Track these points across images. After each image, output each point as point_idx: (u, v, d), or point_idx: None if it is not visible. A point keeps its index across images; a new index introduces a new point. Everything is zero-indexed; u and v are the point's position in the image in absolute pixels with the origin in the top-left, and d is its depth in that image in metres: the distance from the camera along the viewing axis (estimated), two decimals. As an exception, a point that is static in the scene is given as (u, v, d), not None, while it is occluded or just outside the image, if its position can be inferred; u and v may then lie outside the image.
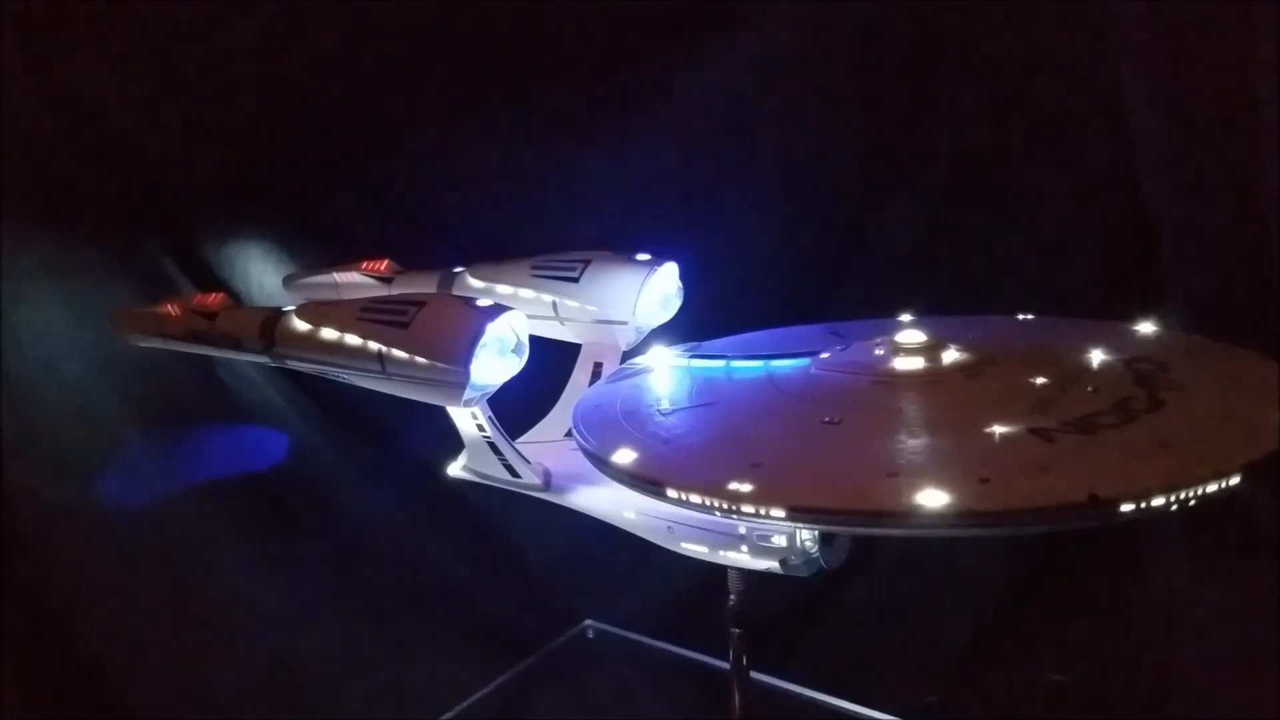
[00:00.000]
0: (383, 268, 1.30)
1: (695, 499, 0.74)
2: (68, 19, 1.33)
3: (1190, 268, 1.20)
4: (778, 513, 0.70)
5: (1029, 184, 1.40)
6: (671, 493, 0.76)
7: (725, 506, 0.73)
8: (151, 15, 1.38)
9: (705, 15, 1.51)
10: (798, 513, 0.70)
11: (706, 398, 0.96)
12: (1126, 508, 0.65)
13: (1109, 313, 1.04)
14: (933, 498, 0.67)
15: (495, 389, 0.96)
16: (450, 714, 1.49)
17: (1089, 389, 0.85)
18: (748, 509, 0.72)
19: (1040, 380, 0.86)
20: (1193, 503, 0.67)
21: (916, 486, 0.68)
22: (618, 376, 1.08)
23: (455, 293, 1.21)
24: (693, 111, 1.51)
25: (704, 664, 1.51)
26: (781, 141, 1.51)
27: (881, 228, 1.49)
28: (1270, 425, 0.74)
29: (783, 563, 0.89)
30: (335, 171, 1.54)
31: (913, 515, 0.67)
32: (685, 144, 1.52)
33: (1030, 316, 1.10)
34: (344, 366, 0.99)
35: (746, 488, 0.72)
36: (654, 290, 1.15)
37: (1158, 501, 0.66)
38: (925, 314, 1.08)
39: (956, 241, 1.45)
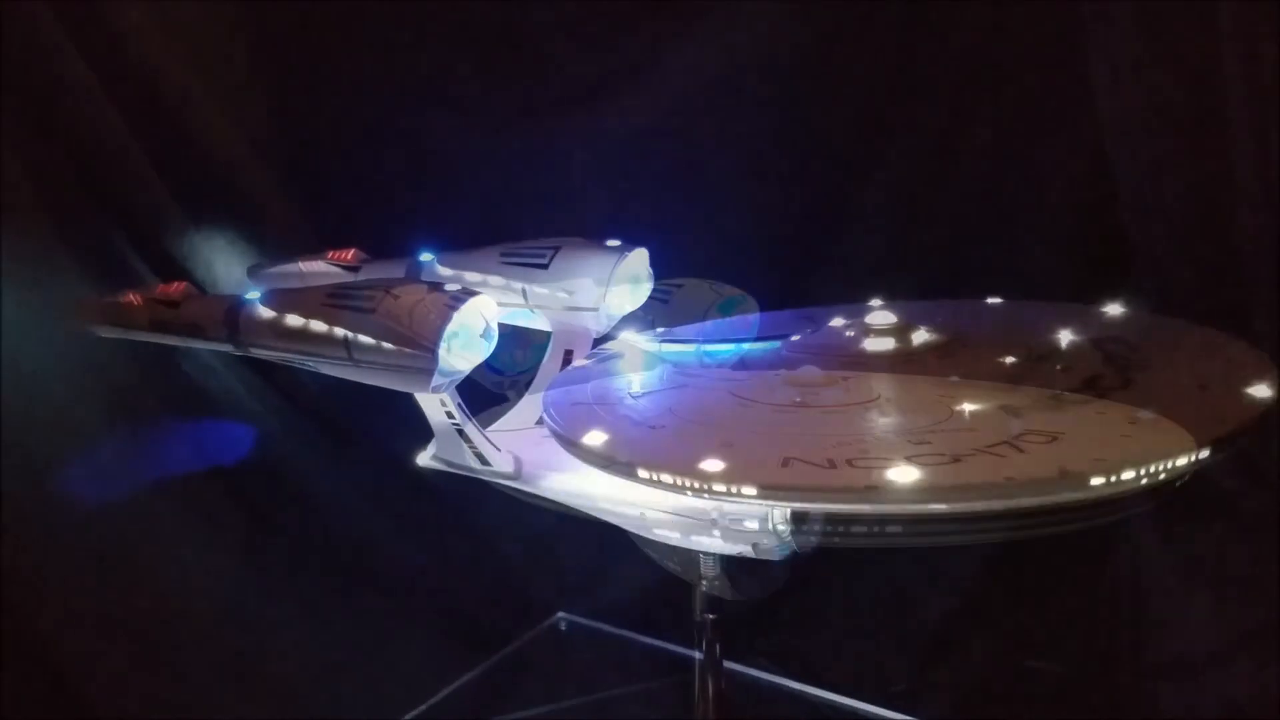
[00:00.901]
0: (349, 256, 1.28)
1: (666, 479, 0.74)
2: (27, 8, 1.30)
3: (1158, 251, 1.21)
4: (749, 491, 0.70)
5: (1000, 171, 1.41)
6: (643, 473, 0.75)
7: (696, 486, 0.72)
8: (111, 4, 1.36)
9: (678, 3, 1.50)
10: (769, 491, 0.70)
11: (678, 381, 0.95)
12: (1096, 481, 0.66)
13: (1078, 296, 1.05)
14: (904, 474, 0.67)
15: (464, 375, 0.95)
16: (422, 708, 1.48)
17: (1058, 368, 0.85)
18: (719, 488, 0.71)
19: (1010, 360, 0.87)
20: (1162, 476, 0.68)
21: (888, 464, 0.68)
22: (588, 361, 1.07)
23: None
24: (663, 98, 1.51)
25: (677, 654, 1.50)
26: (753, 129, 1.51)
27: (853, 215, 1.49)
28: (1237, 401, 0.75)
29: (755, 547, 0.89)
30: (301, 160, 1.52)
31: (884, 491, 0.67)
32: (656, 131, 1.51)
33: (1000, 300, 1.10)
34: (310, 354, 0.97)
35: (718, 467, 0.72)
36: (624, 277, 1.14)
37: (1128, 475, 0.66)
38: (896, 300, 1.08)
39: (928, 228, 1.45)
